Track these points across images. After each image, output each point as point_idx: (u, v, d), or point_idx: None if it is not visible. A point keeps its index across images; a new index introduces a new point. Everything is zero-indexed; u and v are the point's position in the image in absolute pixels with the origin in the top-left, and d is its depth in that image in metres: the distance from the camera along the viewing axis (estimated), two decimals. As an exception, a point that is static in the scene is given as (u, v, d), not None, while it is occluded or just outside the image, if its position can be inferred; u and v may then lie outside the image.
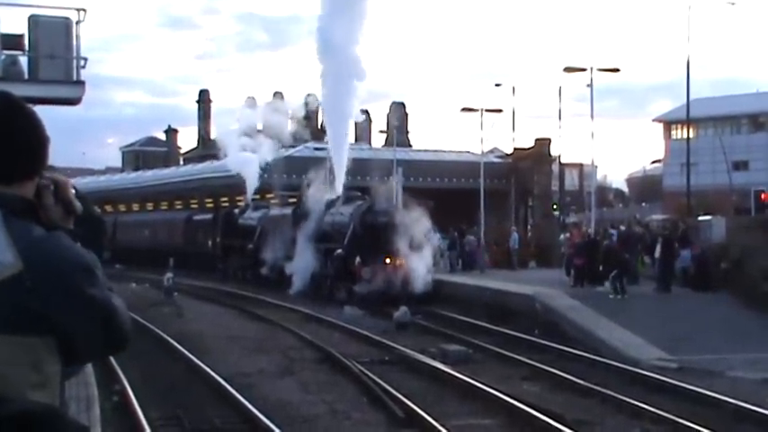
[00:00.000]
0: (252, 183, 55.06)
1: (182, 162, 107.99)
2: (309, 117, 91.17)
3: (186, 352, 23.60)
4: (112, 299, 2.62)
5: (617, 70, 48.37)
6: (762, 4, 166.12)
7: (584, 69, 45.50)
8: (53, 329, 2.49)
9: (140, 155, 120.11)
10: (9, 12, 20.21)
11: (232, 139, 58.55)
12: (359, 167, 47.54)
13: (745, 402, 16.79)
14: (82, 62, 19.52)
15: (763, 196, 60.35)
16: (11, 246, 2.48)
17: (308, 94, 56.53)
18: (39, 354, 2.48)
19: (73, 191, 2.78)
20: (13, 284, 2.45)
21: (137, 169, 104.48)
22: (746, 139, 79.99)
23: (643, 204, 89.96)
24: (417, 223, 37.47)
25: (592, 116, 45.69)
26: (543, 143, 62.87)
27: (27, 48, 19.34)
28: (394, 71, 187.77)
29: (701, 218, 40.55)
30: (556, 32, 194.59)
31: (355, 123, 56.29)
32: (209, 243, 56.56)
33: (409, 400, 17.25)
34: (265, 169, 54.70)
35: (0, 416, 2.41)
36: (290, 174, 54.83)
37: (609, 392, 18.20)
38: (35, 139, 2.68)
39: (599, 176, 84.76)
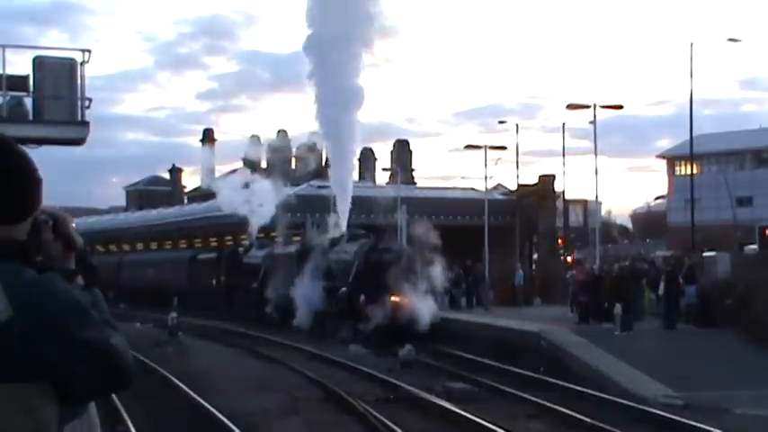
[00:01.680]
0: (256, 221, 54.98)
1: (186, 201, 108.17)
2: (313, 154, 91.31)
3: (190, 391, 23.51)
4: (111, 338, 2.55)
5: (620, 107, 48.56)
6: (765, 41, 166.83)
7: (587, 106, 45.65)
8: (47, 375, 2.44)
9: (144, 194, 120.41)
10: (14, 53, 20.35)
11: (221, 185, 58.76)
12: (363, 205, 47.56)
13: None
14: (86, 102, 19.61)
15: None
16: (0, 291, 2.43)
17: (312, 132, 56.59)
18: (33, 400, 2.43)
19: (74, 225, 2.72)
20: (4, 331, 2.40)
21: (141, 208, 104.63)
22: (750, 175, 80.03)
23: (647, 240, 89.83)
24: (422, 261, 37.44)
25: (595, 153, 45.88)
26: (547, 180, 62.89)
27: (32, 89, 19.43)
28: (398, 109, 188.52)
29: (705, 254, 40.43)
30: (559, 70, 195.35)
31: (359, 161, 56.33)
32: (214, 282, 56.50)
33: (414, 438, 17.16)
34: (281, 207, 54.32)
35: None
36: (294, 212, 54.86)
37: (615, 430, 18.09)
38: (27, 181, 2.60)
39: (603, 213, 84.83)
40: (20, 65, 20.24)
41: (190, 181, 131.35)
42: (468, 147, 56.95)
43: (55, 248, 2.65)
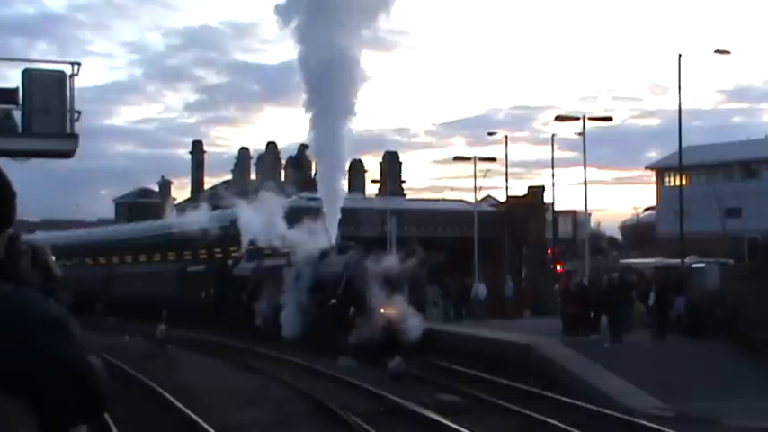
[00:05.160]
0: (246, 234, 54.79)
1: (174, 213, 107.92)
2: (302, 166, 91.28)
3: (180, 404, 23.42)
4: (88, 357, 2.50)
5: (609, 119, 48.70)
6: (752, 52, 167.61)
7: (576, 118, 45.73)
8: (23, 389, 2.38)
9: (133, 206, 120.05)
10: (3, 66, 20.33)
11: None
12: (352, 217, 47.49)
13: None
14: (75, 115, 19.56)
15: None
16: None
17: (302, 144, 56.60)
18: (10, 416, 2.37)
19: (53, 258, 2.72)
20: None
21: (130, 221, 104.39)
22: (739, 186, 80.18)
23: (636, 251, 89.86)
24: (411, 273, 37.46)
25: (584, 164, 45.92)
26: (536, 191, 62.94)
27: (21, 101, 19.38)
28: (387, 120, 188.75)
29: (694, 265, 40.47)
30: (548, 82, 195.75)
31: (348, 173, 56.30)
32: (203, 294, 56.34)
33: (404, 451, 17.12)
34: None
35: None
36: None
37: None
38: (2, 195, 2.56)
39: (592, 224, 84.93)
40: (9, 77, 20.22)
41: (179, 193, 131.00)
42: (458, 158, 57.05)
43: (33, 277, 2.65)
